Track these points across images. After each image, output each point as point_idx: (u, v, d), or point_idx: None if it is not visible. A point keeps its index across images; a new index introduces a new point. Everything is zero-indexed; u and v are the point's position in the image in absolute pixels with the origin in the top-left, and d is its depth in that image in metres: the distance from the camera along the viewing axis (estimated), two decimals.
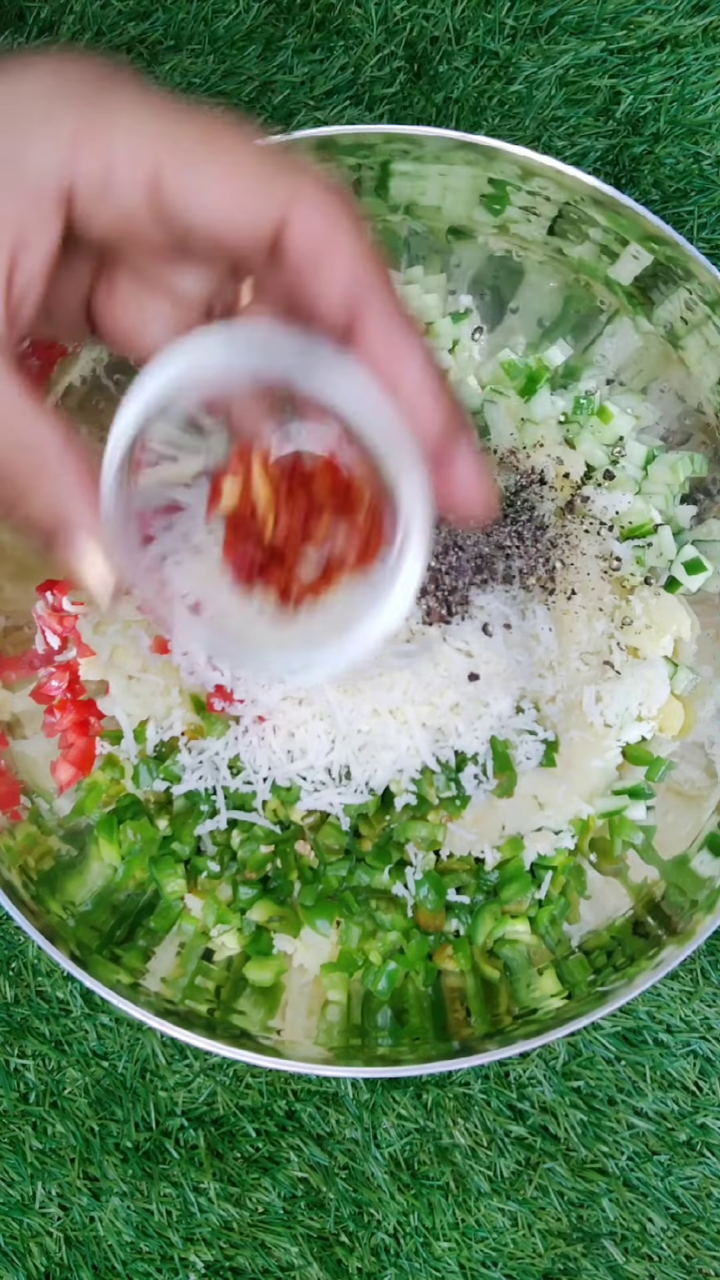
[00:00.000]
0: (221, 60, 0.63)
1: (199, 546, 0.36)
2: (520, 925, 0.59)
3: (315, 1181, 0.62)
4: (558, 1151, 0.62)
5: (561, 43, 0.64)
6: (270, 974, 0.57)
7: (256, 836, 0.57)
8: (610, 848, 0.59)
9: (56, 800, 0.58)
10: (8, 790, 0.56)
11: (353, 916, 0.57)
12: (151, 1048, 0.62)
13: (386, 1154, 0.62)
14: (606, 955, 0.56)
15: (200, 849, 0.58)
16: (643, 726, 0.60)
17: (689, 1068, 0.62)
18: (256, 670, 0.36)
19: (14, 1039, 0.62)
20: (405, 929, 0.57)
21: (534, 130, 0.63)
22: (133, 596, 0.32)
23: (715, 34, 0.64)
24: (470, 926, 0.58)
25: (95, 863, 0.58)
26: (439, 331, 0.61)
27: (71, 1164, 0.62)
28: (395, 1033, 0.56)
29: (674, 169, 0.64)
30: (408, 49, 0.63)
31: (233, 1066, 0.62)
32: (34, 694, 0.59)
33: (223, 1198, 0.61)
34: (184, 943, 0.58)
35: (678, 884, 0.56)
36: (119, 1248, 0.61)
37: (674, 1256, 0.62)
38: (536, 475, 0.60)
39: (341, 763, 0.56)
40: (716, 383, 0.57)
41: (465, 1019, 0.56)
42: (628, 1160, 0.62)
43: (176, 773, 0.57)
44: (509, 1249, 0.61)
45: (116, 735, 0.58)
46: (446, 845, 0.58)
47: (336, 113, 0.63)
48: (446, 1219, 0.61)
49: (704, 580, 0.60)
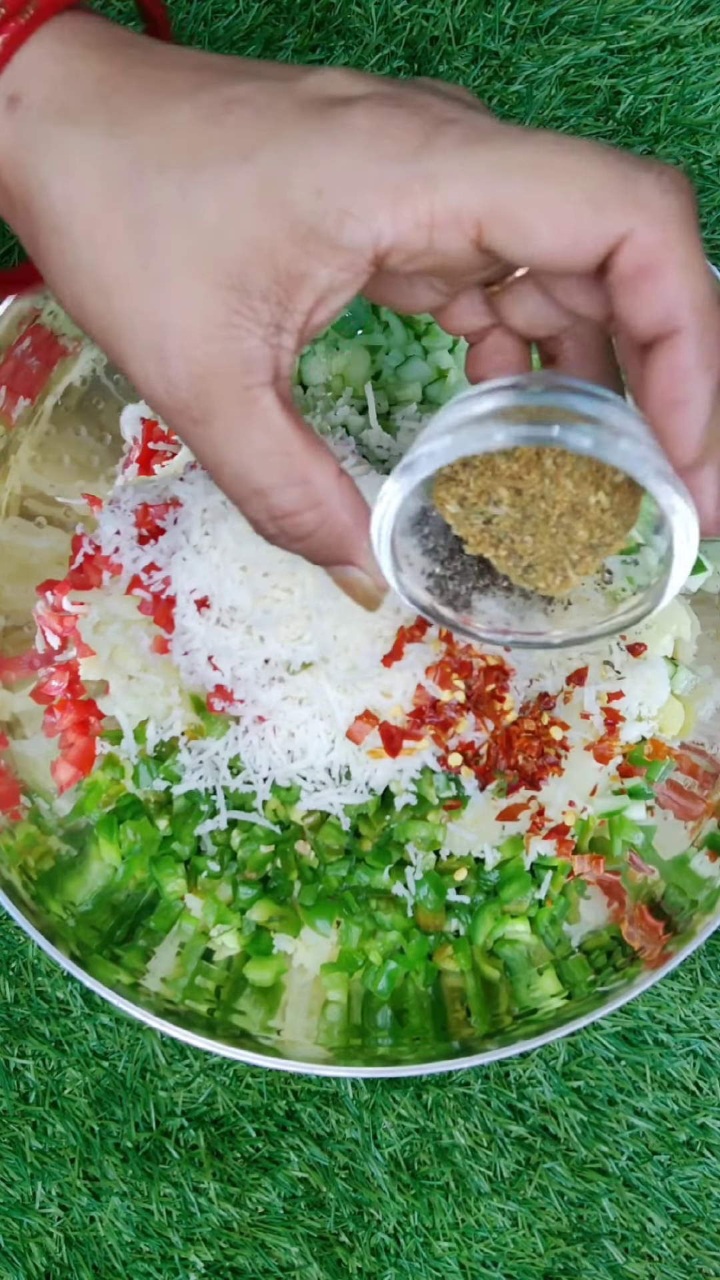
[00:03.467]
0: None
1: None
2: (520, 925, 0.59)
3: (315, 1181, 0.62)
4: (558, 1151, 0.62)
5: (561, 43, 0.64)
6: (270, 974, 0.57)
7: (256, 836, 0.57)
8: (610, 848, 0.59)
9: (56, 800, 0.58)
10: (8, 790, 0.56)
11: (353, 916, 0.57)
12: (151, 1048, 0.62)
13: (386, 1154, 0.62)
14: (606, 955, 0.56)
15: (200, 849, 0.58)
16: (643, 726, 0.60)
17: (689, 1068, 0.62)
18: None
19: (14, 1039, 0.62)
20: (405, 929, 0.57)
21: None
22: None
23: (715, 34, 0.64)
24: (470, 926, 0.58)
25: (95, 863, 0.58)
26: (439, 331, 0.61)
27: (71, 1164, 0.62)
28: (395, 1033, 0.56)
29: None
30: (408, 49, 0.63)
31: (233, 1066, 0.62)
32: (34, 694, 0.59)
33: (223, 1198, 0.61)
34: (184, 943, 0.58)
35: (678, 884, 0.56)
36: (119, 1248, 0.61)
37: (674, 1256, 0.62)
38: None
39: (341, 763, 0.56)
40: None
41: (465, 1019, 0.56)
42: (628, 1160, 0.62)
43: (176, 773, 0.57)
44: (509, 1249, 0.61)
45: (116, 735, 0.58)
46: (446, 845, 0.58)
47: None
48: (446, 1219, 0.61)
49: (704, 580, 0.60)
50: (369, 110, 0.29)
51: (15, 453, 0.57)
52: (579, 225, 0.28)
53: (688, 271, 0.29)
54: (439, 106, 0.29)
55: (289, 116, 0.29)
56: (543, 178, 0.28)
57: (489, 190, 0.28)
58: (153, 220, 0.29)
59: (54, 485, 0.59)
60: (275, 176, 0.29)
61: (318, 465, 0.32)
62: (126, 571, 0.58)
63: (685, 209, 0.29)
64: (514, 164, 0.28)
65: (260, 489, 0.31)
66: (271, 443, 0.31)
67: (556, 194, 0.28)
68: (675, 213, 0.29)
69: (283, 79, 0.30)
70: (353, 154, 0.28)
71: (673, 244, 0.28)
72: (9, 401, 0.55)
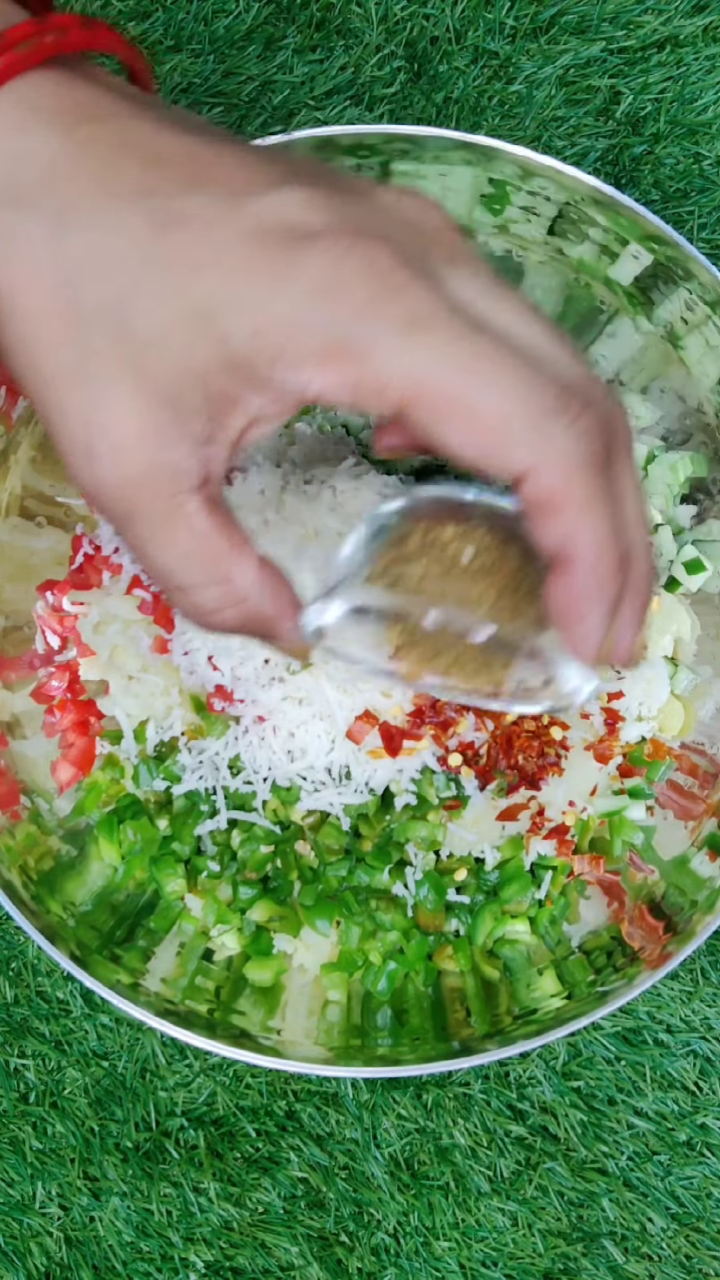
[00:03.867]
0: (221, 60, 0.63)
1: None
2: (520, 925, 0.59)
3: (315, 1181, 0.62)
4: (558, 1151, 0.62)
5: (561, 43, 0.64)
6: (270, 974, 0.57)
7: (256, 836, 0.57)
8: (610, 848, 0.59)
9: (56, 800, 0.58)
10: (8, 790, 0.56)
11: (353, 916, 0.57)
12: (151, 1048, 0.62)
13: (386, 1154, 0.62)
14: (606, 955, 0.56)
15: (200, 849, 0.58)
16: (643, 726, 0.60)
17: (689, 1068, 0.62)
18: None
19: (14, 1039, 0.62)
20: (405, 929, 0.57)
21: (534, 130, 0.63)
22: None
23: (715, 34, 0.64)
24: (470, 926, 0.58)
25: (95, 863, 0.58)
26: None
27: (71, 1164, 0.62)
28: (395, 1033, 0.56)
29: (674, 169, 0.64)
30: (408, 49, 0.63)
31: (233, 1066, 0.62)
32: (34, 694, 0.59)
33: (223, 1198, 0.61)
34: (184, 943, 0.58)
35: (678, 884, 0.56)
36: (119, 1248, 0.61)
37: (674, 1256, 0.62)
38: None
39: (341, 763, 0.56)
40: (716, 383, 0.57)
41: (465, 1019, 0.56)
42: (628, 1160, 0.62)
43: (176, 773, 0.57)
44: (509, 1249, 0.62)
45: (116, 735, 0.58)
46: (446, 845, 0.58)
47: (336, 113, 0.63)
48: (446, 1219, 0.61)
49: (704, 580, 0.60)
50: (319, 256, 0.28)
51: (15, 453, 0.57)
52: (489, 447, 0.29)
53: (587, 513, 0.30)
54: (393, 256, 0.29)
55: (236, 247, 0.29)
56: (468, 389, 0.28)
57: (417, 381, 0.28)
58: (92, 324, 0.29)
59: (54, 485, 0.59)
60: (214, 309, 0.29)
61: (239, 565, 0.32)
62: (126, 571, 0.58)
63: (597, 454, 0.30)
64: (446, 364, 0.28)
65: (182, 587, 0.32)
66: (193, 545, 0.31)
67: (474, 411, 0.29)
68: (583, 459, 0.29)
69: (237, 194, 0.29)
70: (294, 303, 0.28)
71: (574, 488, 0.29)
72: (9, 402, 0.55)
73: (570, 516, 0.30)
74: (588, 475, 0.29)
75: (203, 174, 0.29)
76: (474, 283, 0.30)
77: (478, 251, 0.31)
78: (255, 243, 0.28)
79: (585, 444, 0.29)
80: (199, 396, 0.29)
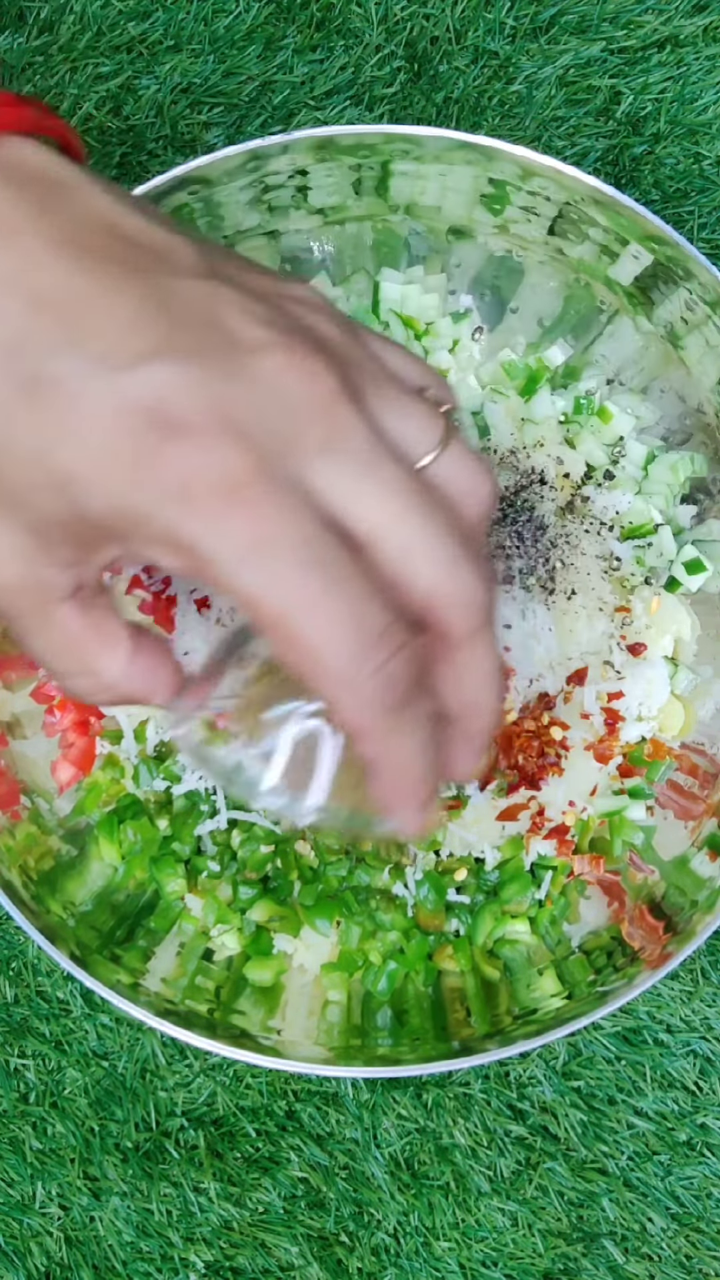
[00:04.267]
0: (221, 60, 0.63)
1: None
2: (520, 925, 0.59)
3: (315, 1181, 0.62)
4: (558, 1151, 0.62)
5: (561, 43, 0.64)
6: (270, 974, 0.57)
7: (256, 836, 0.57)
8: (610, 848, 0.59)
9: (56, 800, 0.58)
10: (8, 790, 0.56)
11: (353, 916, 0.57)
12: (151, 1048, 0.62)
13: (386, 1154, 0.62)
14: (606, 955, 0.56)
15: (200, 849, 0.58)
16: (643, 726, 0.60)
17: (689, 1068, 0.62)
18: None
19: (14, 1039, 0.62)
20: (405, 929, 0.57)
21: (534, 130, 0.63)
22: None
23: (715, 34, 0.64)
24: (470, 926, 0.58)
25: (95, 863, 0.58)
26: (439, 331, 0.61)
27: (71, 1164, 0.62)
28: (395, 1033, 0.56)
29: (674, 169, 0.64)
30: (408, 49, 0.63)
31: (233, 1066, 0.62)
32: (34, 694, 0.59)
33: (223, 1198, 0.61)
34: (184, 943, 0.58)
35: (678, 884, 0.56)
36: (119, 1247, 0.61)
37: (674, 1256, 0.62)
38: (536, 475, 0.60)
39: None
40: (717, 383, 0.57)
41: (465, 1019, 0.56)
42: (628, 1160, 0.62)
43: (176, 773, 0.57)
44: (509, 1249, 0.62)
45: (116, 735, 0.58)
46: (446, 845, 0.58)
47: (336, 113, 0.63)
48: (446, 1219, 0.61)
49: (704, 580, 0.60)
50: (179, 458, 0.29)
51: None
52: (303, 672, 0.31)
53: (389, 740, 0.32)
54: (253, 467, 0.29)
55: (100, 425, 0.29)
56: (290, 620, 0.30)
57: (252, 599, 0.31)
58: None
59: None
60: (74, 485, 0.29)
61: (108, 658, 0.34)
62: (126, 571, 0.58)
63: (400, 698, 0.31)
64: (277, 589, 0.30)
65: (57, 674, 0.35)
66: (64, 643, 0.34)
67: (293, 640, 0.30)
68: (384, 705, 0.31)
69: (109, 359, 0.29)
70: (150, 501, 0.29)
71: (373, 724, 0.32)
72: None
73: (370, 746, 0.32)
74: (385, 716, 0.31)
75: (81, 324, 0.29)
76: (341, 475, 0.30)
77: (360, 419, 0.30)
78: (122, 423, 0.29)
79: (387, 691, 0.30)
80: (64, 536, 0.31)
